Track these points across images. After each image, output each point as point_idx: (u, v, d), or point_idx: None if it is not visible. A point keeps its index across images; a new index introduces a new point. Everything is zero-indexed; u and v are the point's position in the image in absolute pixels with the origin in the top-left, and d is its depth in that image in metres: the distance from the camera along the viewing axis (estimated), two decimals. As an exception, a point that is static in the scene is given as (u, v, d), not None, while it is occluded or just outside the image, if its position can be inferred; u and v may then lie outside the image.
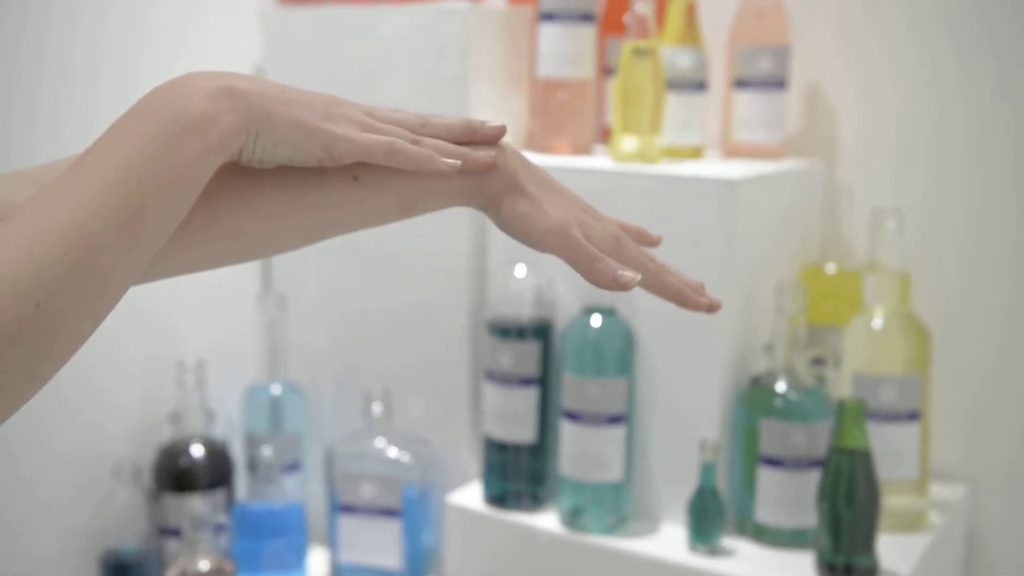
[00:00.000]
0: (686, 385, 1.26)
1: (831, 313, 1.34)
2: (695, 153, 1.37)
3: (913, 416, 1.25)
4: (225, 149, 0.56)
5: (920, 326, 1.26)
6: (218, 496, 1.40)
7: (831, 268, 1.37)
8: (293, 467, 1.48)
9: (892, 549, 1.18)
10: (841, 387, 1.27)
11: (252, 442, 1.47)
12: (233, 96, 0.56)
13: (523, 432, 1.32)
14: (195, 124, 0.54)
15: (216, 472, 1.41)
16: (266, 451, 1.40)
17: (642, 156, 1.28)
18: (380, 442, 1.40)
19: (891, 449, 1.23)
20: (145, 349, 1.45)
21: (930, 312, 1.30)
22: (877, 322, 1.26)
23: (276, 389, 1.48)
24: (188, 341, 1.48)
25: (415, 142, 0.61)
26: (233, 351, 1.53)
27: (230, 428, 1.47)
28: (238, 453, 1.48)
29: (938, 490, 1.33)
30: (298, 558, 1.39)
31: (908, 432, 1.25)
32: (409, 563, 1.39)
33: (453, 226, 1.39)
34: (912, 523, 1.25)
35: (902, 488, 1.25)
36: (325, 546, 1.47)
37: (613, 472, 1.26)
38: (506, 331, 1.30)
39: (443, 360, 1.43)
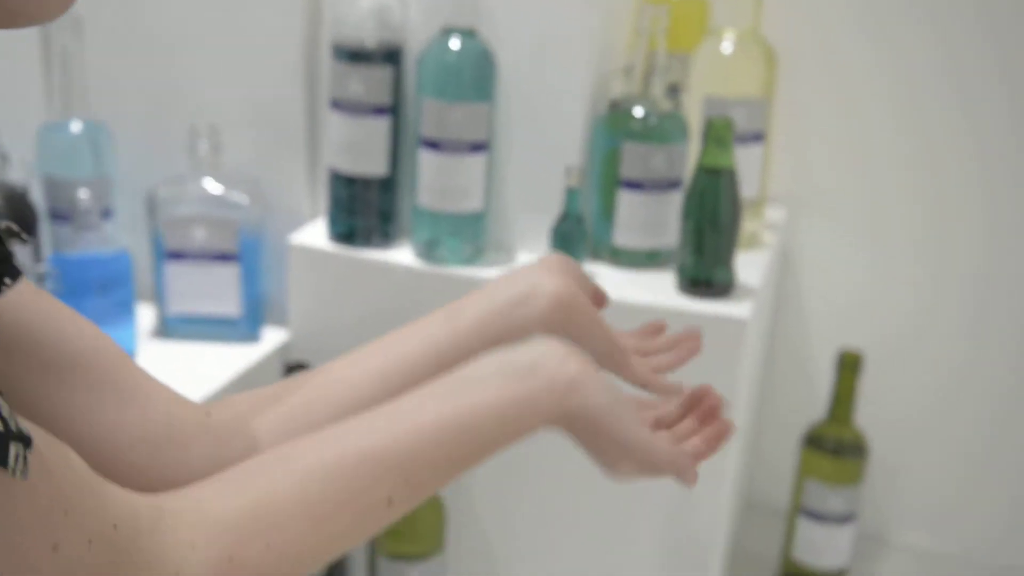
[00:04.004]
0: (547, 111, 1.23)
1: (673, 39, 1.33)
2: None
3: (758, 138, 1.29)
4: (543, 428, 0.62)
5: (769, 49, 1.28)
6: (25, 249, 1.25)
7: (673, -8, 1.35)
8: (106, 215, 1.34)
9: (738, 265, 1.23)
10: (691, 111, 1.29)
11: (52, 187, 1.32)
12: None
13: (374, 165, 1.25)
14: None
15: (20, 221, 1.25)
16: (83, 194, 1.25)
17: None
18: (209, 183, 1.29)
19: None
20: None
21: (777, 36, 1.32)
22: (727, 45, 1.27)
23: (76, 127, 1.32)
24: (-32, 73, 1.28)
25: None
26: (23, 85, 1.34)
27: (27, 172, 1.30)
28: (39, 201, 1.32)
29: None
30: (127, 311, 1.28)
31: (753, 154, 1.29)
32: (248, 309, 1.32)
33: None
34: (749, 241, 1.32)
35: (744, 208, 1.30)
36: (148, 301, 1.37)
37: (473, 202, 1.23)
38: (355, 55, 1.21)
39: (274, 90, 1.32)
